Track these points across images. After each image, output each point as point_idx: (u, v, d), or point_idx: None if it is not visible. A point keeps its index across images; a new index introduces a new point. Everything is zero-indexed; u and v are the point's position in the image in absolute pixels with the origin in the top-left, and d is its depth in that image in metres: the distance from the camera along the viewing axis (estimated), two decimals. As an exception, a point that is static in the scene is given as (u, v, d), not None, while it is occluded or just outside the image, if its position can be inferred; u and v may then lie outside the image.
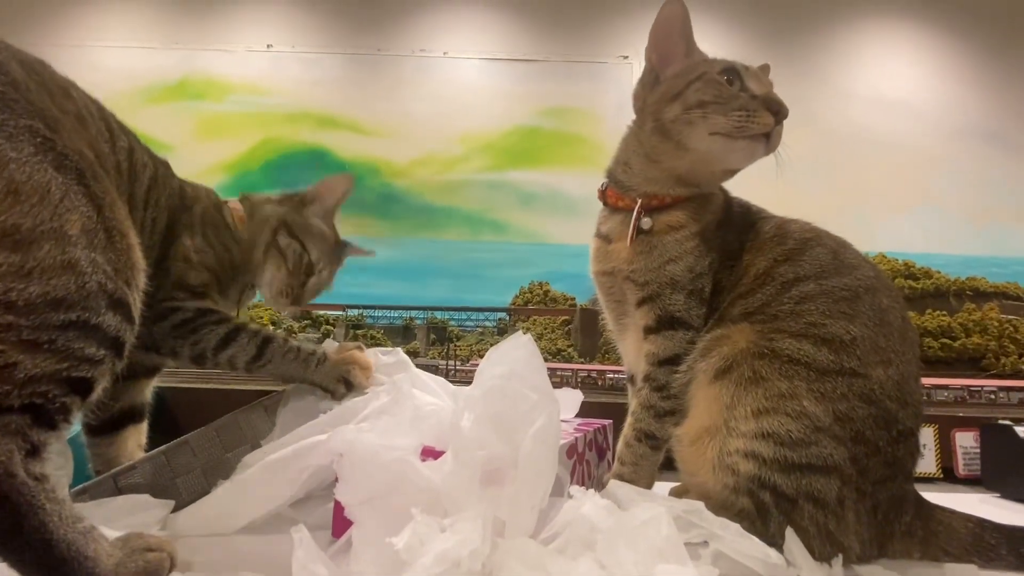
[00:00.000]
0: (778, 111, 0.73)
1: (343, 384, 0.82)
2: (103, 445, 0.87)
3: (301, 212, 1.00)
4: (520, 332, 0.64)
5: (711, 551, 0.56)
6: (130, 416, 0.90)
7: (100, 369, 0.55)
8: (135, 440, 0.90)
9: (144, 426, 0.92)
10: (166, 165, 0.93)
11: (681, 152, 0.78)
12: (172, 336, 0.82)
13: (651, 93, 0.82)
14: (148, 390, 0.93)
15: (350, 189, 1.04)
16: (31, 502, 0.46)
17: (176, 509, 0.70)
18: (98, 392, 0.56)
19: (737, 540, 0.56)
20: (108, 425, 0.87)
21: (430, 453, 0.60)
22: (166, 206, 0.87)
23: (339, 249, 1.06)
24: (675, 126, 0.77)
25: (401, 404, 0.71)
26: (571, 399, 1.05)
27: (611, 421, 1.01)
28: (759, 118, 0.73)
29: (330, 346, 0.87)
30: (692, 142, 0.76)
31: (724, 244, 0.79)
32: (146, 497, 0.70)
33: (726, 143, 0.74)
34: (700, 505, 0.59)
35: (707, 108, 0.74)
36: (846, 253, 0.76)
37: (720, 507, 0.64)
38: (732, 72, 0.76)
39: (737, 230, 0.81)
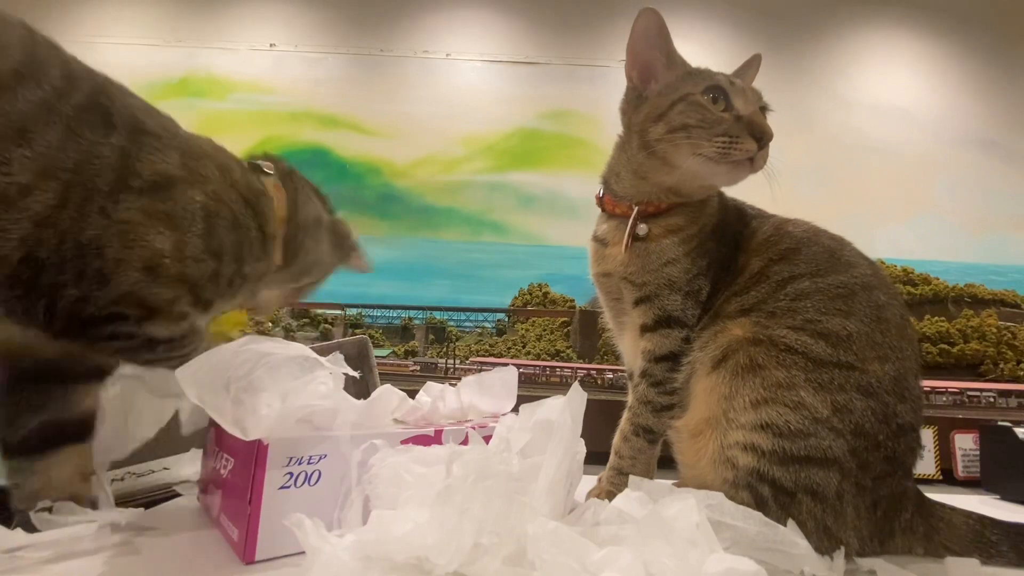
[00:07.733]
0: (761, 137, 0.73)
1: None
2: (25, 471, 0.62)
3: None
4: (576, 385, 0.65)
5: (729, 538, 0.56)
6: (67, 432, 0.65)
7: None
8: (74, 465, 0.65)
9: (90, 447, 0.67)
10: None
11: (668, 169, 0.79)
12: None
13: (635, 112, 0.82)
14: (93, 397, 0.68)
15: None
16: None
17: None
18: None
19: (761, 529, 0.56)
20: (35, 442, 0.63)
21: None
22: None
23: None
24: (660, 146, 0.77)
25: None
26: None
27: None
28: (742, 144, 0.73)
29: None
30: (677, 161, 0.77)
31: (721, 246, 0.79)
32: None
33: (709, 165, 0.75)
34: (720, 496, 0.59)
35: (691, 131, 0.74)
36: (844, 251, 0.76)
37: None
38: (717, 90, 0.75)
39: (733, 231, 0.81)
